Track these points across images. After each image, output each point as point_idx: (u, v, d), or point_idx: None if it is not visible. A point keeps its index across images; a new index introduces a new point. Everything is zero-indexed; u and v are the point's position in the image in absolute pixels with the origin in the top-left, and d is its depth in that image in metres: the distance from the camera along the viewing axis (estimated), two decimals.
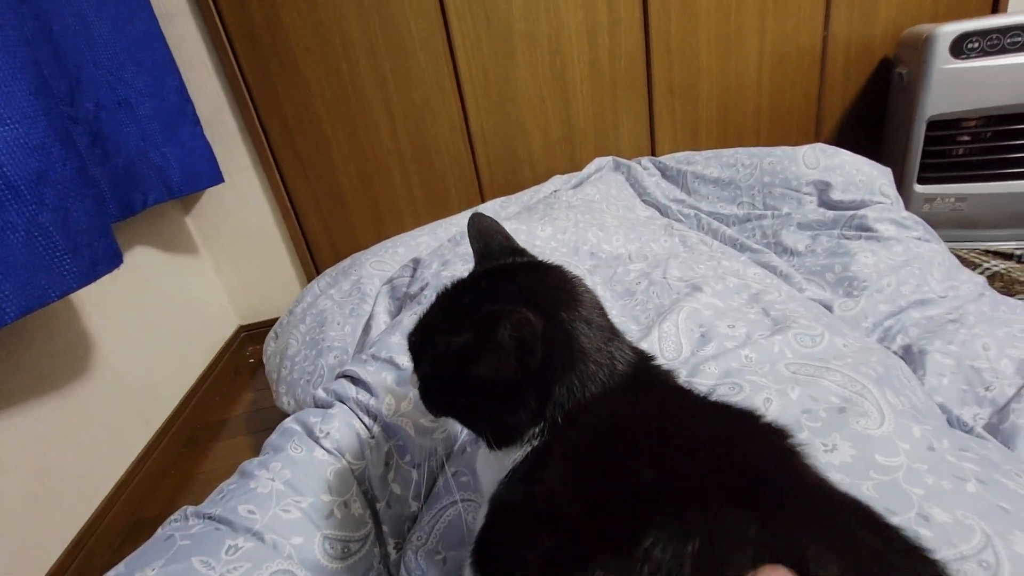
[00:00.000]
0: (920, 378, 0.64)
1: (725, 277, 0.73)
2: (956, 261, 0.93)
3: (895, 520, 0.35)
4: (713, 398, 0.37)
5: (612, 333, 0.39)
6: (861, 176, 1.08)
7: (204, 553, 0.39)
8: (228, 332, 1.56)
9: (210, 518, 0.43)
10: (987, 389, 0.60)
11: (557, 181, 1.43)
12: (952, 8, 1.45)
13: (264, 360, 1.13)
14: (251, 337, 1.60)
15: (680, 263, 0.79)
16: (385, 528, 0.48)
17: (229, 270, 1.55)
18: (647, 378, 0.38)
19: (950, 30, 1.20)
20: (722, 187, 1.22)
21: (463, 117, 1.49)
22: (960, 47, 1.21)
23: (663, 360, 0.58)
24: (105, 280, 0.84)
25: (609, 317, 0.39)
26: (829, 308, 0.81)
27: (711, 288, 0.68)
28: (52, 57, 0.93)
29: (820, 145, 1.16)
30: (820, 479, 0.28)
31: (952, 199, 1.33)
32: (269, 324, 1.23)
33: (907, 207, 1.39)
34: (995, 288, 0.91)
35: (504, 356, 0.32)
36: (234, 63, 1.35)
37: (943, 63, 1.23)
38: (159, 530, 0.42)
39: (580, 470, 0.30)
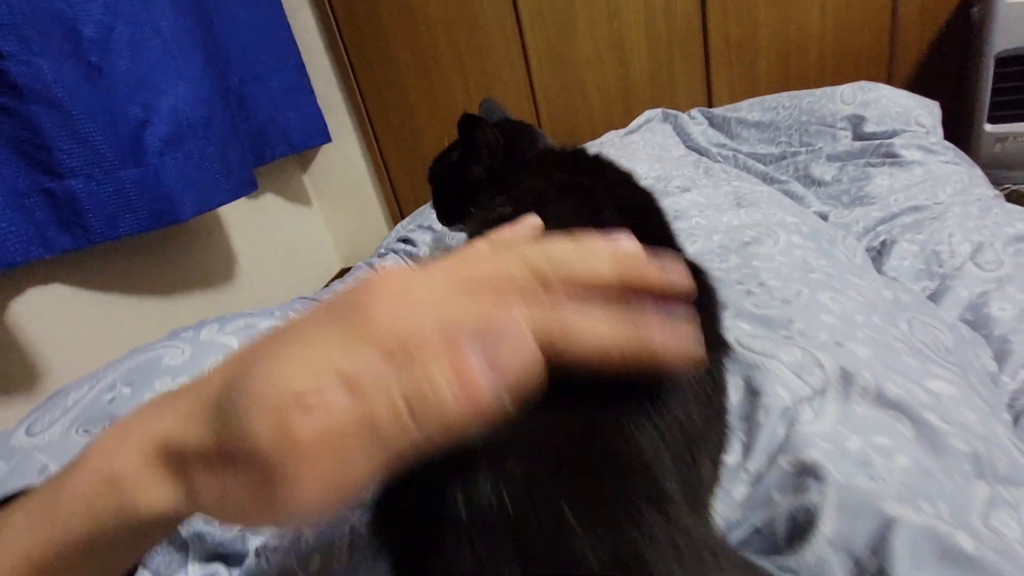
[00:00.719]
0: (883, 263, 0.72)
1: (720, 186, 0.85)
2: (982, 180, 0.94)
3: (739, 287, 0.49)
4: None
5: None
6: (897, 108, 1.10)
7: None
8: (332, 271, 1.89)
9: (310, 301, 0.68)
10: (940, 267, 0.67)
11: (610, 135, 1.56)
12: None
13: None
14: None
15: (685, 178, 0.91)
16: None
17: (335, 219, 1.88)
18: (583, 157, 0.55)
19: None
20: (762, 129, 1.28)
21: (528, 82, 1.67)
22: None
23: None
24: (243, 213, 1.14)
25: (556, 147, 0.57)
26: (825, 218, 0.88)
27: (699, 190, 0.81)
28: (212, 42, 1.26)
29: (860, 82, 1.18)
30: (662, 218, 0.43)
31: None
32: None
33: (978, 148, 1.35)
34: None
35: (479, 155, 0.51)
36: (341, 46, 1.65)
37: None
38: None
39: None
